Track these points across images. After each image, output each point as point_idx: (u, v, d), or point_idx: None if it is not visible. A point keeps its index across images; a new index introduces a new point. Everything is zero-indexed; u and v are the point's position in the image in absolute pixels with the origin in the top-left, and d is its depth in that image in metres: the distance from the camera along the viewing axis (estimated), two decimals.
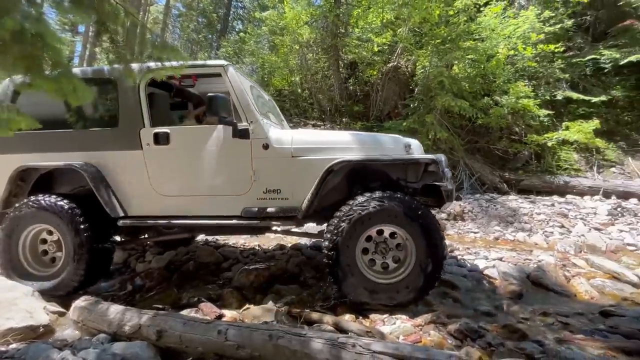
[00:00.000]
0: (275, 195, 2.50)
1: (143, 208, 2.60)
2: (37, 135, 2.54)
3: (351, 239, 2.22)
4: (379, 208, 2.20)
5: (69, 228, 2.44)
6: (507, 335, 1.82)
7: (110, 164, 2.58)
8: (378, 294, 2.19)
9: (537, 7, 9.57)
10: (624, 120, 8.93)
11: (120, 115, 2.59)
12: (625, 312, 2.09)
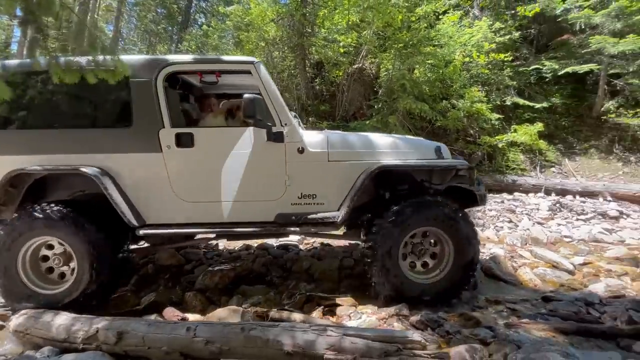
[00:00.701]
0: (310, 201, 2.41)
1: (164, 215, 2.37)
2: (31, 135, 2.28)
3: (396, 242, 2.25)
4: (423, 211, 2.27)
5: (82, 239, 2.17)
6: (463, 323, 1.95)
7: (122, 167, 2.30)
8: (418, 292, 2.26)
9: (489, 18, 10.29)
10: (562, 125, 9.91)
11: (134, 113, 2.31)
12: (563, 297, 2.34)
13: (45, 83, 2.32)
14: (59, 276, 2.30)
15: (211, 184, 2.37)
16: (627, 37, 8.16)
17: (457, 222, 2.29)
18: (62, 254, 2.27)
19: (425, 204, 2.31)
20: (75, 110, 2.39)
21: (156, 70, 2.31)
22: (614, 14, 8.63)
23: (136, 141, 2.30)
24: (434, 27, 10.09)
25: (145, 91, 2.30)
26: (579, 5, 9.18)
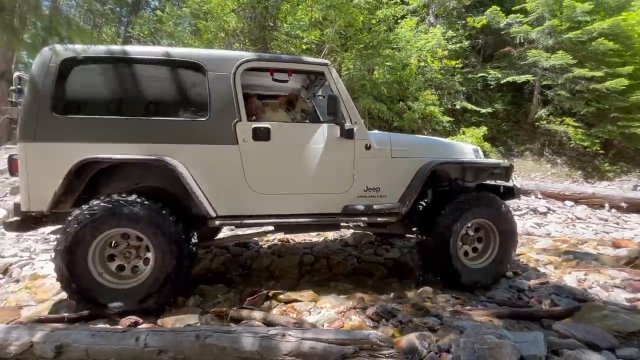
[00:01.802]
0: (374, 194, 2.58)
1: (236, 207, 2.38)
2: (99, 122, 2.19)
3: (454, 234, 2.49)
4: (479, 205, 2.57)
5: (161, 232, 2.12)
6: (415, 312, 2.10)
7: (196, 158, 2.27)
8: (472, 277, 2.56)
9: (443, 26, 10.93)
10: (503, 129, 10.89)
11: (212, 106, 2.31)
12: (499, 285, 2.61)
13: (117, 69, 2.28)
14: (131, 270, 2.22)
15: (284, 177, 2.46)
16: (558, 53, 9.18)
17: (506, 215, 2.64)
18: (133, 247, 2.20)
19: (480, 199, 2.62)
20: (148, 99, 2.31)
21: (235, 64, 2.37)
22: (547, 31, 9.65)
23: (212, 133, 2.32)
24: (392, 31, 10.49)
25: (223, 84, 2.34)
26: (519, 20, 10.11)
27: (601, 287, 2.50)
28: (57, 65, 2.16)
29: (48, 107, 2.12)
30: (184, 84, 2.36)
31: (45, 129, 2.12)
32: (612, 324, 1.82)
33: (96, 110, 2.22)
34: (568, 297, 2.32)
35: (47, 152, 2.13)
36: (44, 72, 2.14)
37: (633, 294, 2.32)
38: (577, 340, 1.58)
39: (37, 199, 2.13)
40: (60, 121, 2.14)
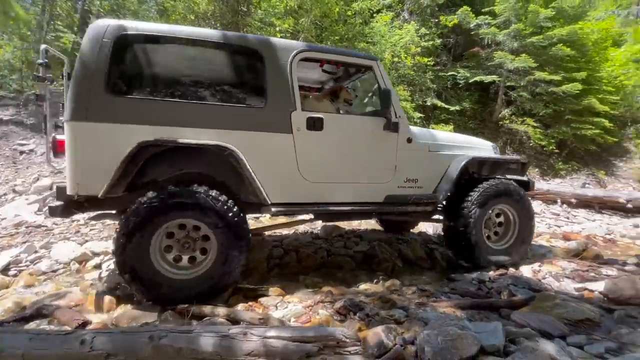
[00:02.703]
0: (413, 184, 2.77)
1: (288, 195, 2.43)
2: (157, 105, 2.12)
3: (479, 219, 2.78)
4: (498, 193, 2.85)
5: (226, 222, 2.11)
6: (381, 305, 2.11)
7: (251, 145, 2.26)
8: (495, 259, 2.87)
9: (417, 23, 11.08)
10: (470, 127, 11.31)
11: (269, 94, 2.33)
12: (462, 278, 2.71)
13: (174, 50, 2.23)
14: (189, 260, 2.17)
15: (334, 166, 2.55)
16: (521, 55, 9.63)
17: (525, 201, 2.97)
18: (190, 238, 2.16)
19: (502, 186, 2.88)
20: (205, 83, 2.28)
21: (292, 53, 2.40)
22: (512, 35, 10.08)
23: (268, 121, 2.33)
24: (368, 24, 10.49)
25: (280, 73, 2.35)
26: (488, 22, 10.48)
27: (553, 278, 2.66)
28: (112, 42, 2.05)
29: (102, 85, 2.02)
30: (242, 70, 2.37)
31: (98, 108, 2.01)
32: (563, 312, 1.94)
33: (152, 92, 2.15)
34: (524, 287, 2.44)
35: (100, 133, 2.02)
36: (97, 48, 2.02)
37: (581, 284, 2.48)
38: (532, 329, 1.66)
39: (88, 182, 2.02)
40: (114, 101, 2.05)
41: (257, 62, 2.34)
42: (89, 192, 2.04)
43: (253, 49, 2.35)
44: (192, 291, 2.08)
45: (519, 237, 2.98)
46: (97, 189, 2.01)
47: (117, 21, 2.12)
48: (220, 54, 2.33)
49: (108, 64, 2.03)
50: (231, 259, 2.15)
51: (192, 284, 2.10)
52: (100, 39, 2.03)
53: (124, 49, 2.10)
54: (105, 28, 2.06)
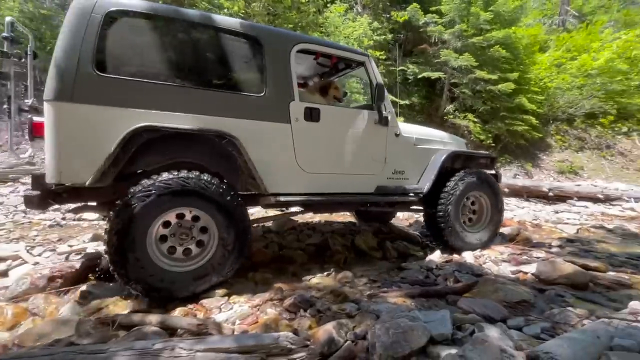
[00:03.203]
0: (400, 176, 2.94)
1: (285, 185, 2.41)
2: (151, 88, 1.99)
3: (457, 206, 3.02)
4: (473, 182, 3.10)
5: (228, 211, 2.07)
6: (333, 299, 2.04)
7: (250, 134, 2.21)
8: (470, 242, 3.10)
9: (369, 16, 11.21)
10: (418, 121, 11.83)
11: (268, 82, 2.31)
12: (412, 266, 2.76)
13: (170, 30, 2.11)
14: (184, 252, 2.04)
15: (330, 157, 2.59)
16: (464, 54, 10.25)
17: (497, 190, 3.27)
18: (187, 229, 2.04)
19: (476, 175, 3.13)
20: (202, 67, 2.22)
21: (291, 43, 2.42)
22: (457, 34, 10.67)
23: (267, 110, 2.30)
24: (322, 14, 10.36)
25: (279, 62, 2.34)
26: (435, 21, 10.96)
27: (492, 262, 2.83)
28: (102, 17, 1.88)
29: (90, 63, 1.84)
30: (241, 57, 2.31)
31: (86, 88, 1.83)
32: (502, 295, 2.04)
33: (146, 74, 2.00)
34: (468, 273, 2.55)
35: (88, 115, 1.84)
36: (84, 22, 1.85)
37: (516, 267, 2.67)
38: (476, 315, 1.70)
39: (72, 170, 1.82)
40: (104, 81, 1.88)
41: (257, 49, 2.30)
42: (73, 181, 1.84)
43: (253, 36, 2.29)
44: (189, 283, 1.99)
45: (491, 222, 3.29)
46: (83, 178, 1.83)
47: None
48: (219, 38, 2.24)
49: (97, 41, 1.86)
50: (235, 247, 2.12)
51: (196, 274, 2.02)
52: (88, 13, 1.87)
53: (116, 25, 1.94)
54: (94, 1, 1.89)
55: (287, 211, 2.96)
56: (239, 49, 2.29)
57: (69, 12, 1.89)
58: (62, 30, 1.88)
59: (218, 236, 2.08)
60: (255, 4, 9.88)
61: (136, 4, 2.01)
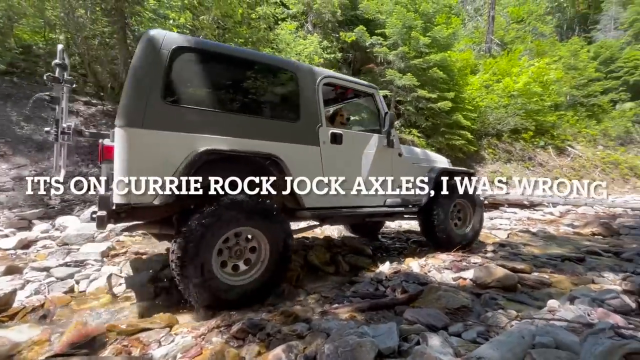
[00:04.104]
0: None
1: (317, 200, 2.70)
2: (211, 115, 2.25)
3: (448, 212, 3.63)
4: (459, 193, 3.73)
5: (280, 229, 2.36)
6: (284, 320, 1.99)
7: (290, 155, 2.50)
8: (459, 241, 3.67)
9: (319, 35, 11.62)
10: None
11: (302, 111, 2.66)
12: (363, 279, 2.81)
13: (229, 67, 2.46)
14: (232, 268, 2.28)
15: (350, 175, 2.92)
16: (407, 74, 11.04)
17: (478, 197, 3.93)
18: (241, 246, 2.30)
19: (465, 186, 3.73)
20: (251, 98, 2.48)
21: (318, 77, 2.81)
22: (400, 56, 11.48)
23: (302, 134, 2.63)
24: (272, 30, 10.49)
25: (310, 93, 2.71)
26: (380, 43, 11.70)
27: (436, 270, 3.00)
28: (169, 52, 2.12)
29: (159, 94, 2.06)
30: (281, 88, 2.68)
31: (154, 116, 2.03)
32: (444, 303, 2.16)
33: (206, 103, 2.29)
34: (414, 282, 2.66)
35: (156, 140, 2.03)
36: (154, 57, 2.09)
37: (457, 274, 2.86)
38: (421, 325, 1.78)
39: (140, 190, 1.97)
40: (171, 110, 2.11)
41: (293, 83, 2.68)
42: (141, 201, 2.00)
43: (290, 72, 2.70)
44: (246, 294, 2.23)
45: (475, 224, 3.90)
46: (149, 198, 2.01)
47: (172, 33, 2.22)
48: (263, 72, 2.61)
49: (165, 73, 2.09)
50: (281, 262, 2.38)
51: (249, 288, 2.25)
52: (158, 49, 2.09)
53: (180, 60, 2.18)
54: (162, 38, 2.12)
55: (311, 224, 3.20)
56: (279, 82, 2.70)
57: (140, 47, 2.11)
58: (133, 64, 2.09)
59: (269, 250, 2.33)
60: (204, 17, 9.70)
61: (197, 42, 2.35)
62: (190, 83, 2.31)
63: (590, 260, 3.37)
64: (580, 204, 8.24)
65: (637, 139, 17.08)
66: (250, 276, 2.28)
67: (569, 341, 1.30)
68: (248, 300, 2.23)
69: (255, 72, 2.55)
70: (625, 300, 1.90)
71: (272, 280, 2.35)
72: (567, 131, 15.90)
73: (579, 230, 5.27)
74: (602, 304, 1.84)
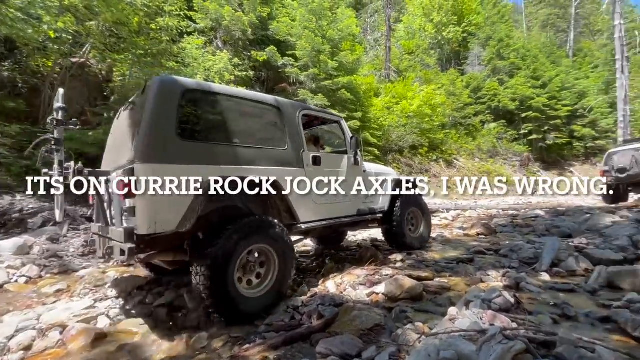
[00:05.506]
0: (368, 200, 4.04)
1: (306, 215, 3.17)
2: (216, 149, 2.58)
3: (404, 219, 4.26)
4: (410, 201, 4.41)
5: (287, 246, 2.75)
6: None
7: (284, 178, 2.91)
8: (413, 242, 4.33)
9: (230, 52, 11.33)
10: None
11: (288, 139, 3.11)
12: (277, 309, 2.60)
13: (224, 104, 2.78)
14: (247, 282, 2.58)
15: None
16: (319, 95, 11.53)
17: (425, 205, 4.71)
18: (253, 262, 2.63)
19: (412, 198, 4.47)
20: (248, 130, 2.92)
21: (298, 109, 3.38)
22: (311, 77, 11.96)
23: (290, 159, 3.09)
24: (177, 43, 9.79)
25: (293, 123, 3.22)
26: (291, 64, 12.02)
27: (351, 287, 2.99)
28: (180, 95, 2.43)
29: (173, 131, 2.34)
30: (270, 121, 3.11)
31: (171, 151, 2.30)
32: (359, 324, 2.12)
33: (212, 138, 2.67)
34: (330, 304, 2.57)
35: (173, 172, 2.26)
36: (167, 99, 2.38)
37: (370, 289, 2.89)
38: (335, 357, 1.68)
39: (163, 219, 2.22)
40: (184, 145, 2.40)
41: (279, 115, 3.13)
42: (164, 229, 2.22)
43: (276, 106, 3.14)
44: (262, 305, 2.54)
45: (425, 227, 4.58)
46: (171, 226, 2.24)
47: (181, 78, 2.62)
48: (256, 108, 3.03)
49: (177, 113, 2.39)
50: (288, 273, 2.74)
51: (263, 298, 2.56)
52: (170, 92, 2.41)
53: (189, 100, 2.53)
54: (174, 83, 2.48)
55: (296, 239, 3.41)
56: (268, 116, 3.09)
57: (154, 91, 2.39)
58: (148, 106, 2.34)
59: (278, 264, 2.67)
60: (93, 23, 8.49)
61: (203, 85, 2.81)
62: (199, 120, 2.65)
63: (477, 260, 3.85)
64: (467, 209, 9.64)
65: (501, 152, 21.22)
66: (264, 288, 2.61)
67: (468, 352, 1.36)
68: (265, 310, 2.53)
69: (250, 108, 2.97)
70: (506, 297, 2.15)
71: (281, 290, 2.69)
72: (452, 147, 18.76)
73: (467, 232, 6.07)
74: (490, 304, 2.05)
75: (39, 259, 4.03)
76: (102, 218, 2.68)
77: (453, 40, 25.01)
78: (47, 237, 4.65)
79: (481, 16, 25.96)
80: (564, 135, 22.50)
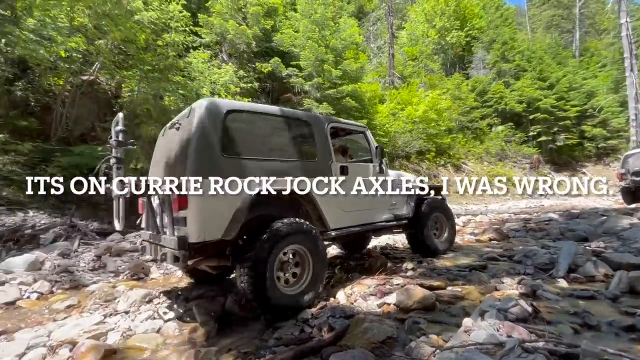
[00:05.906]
0: (394, 207, 4.16)
1: (336, 222, 3.38)
2: (255, 163, 2.82)
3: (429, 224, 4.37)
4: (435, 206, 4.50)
5: (320, 247, 2.97)
6: None
7: (314, 189, 3.13)
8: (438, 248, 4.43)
9: (235, 65, 11.51)
10: None
11: (318, 151, 3.36)
12: (286, 322, 2.55)
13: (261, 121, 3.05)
14: (285, 281, 2.81)
15: (357, 199, 3.60)
16: (323, 103, 11.59)
17: (449, 209, 4.75)
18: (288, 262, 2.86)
19: (436, 202, 4.55)
20: (283, 145, 3.15)
21: (326, 123, 3.59)
22: (315, 86, 12.05)
23: (320, 170, 3.31)
24: (182, 58, 9.98)
25: (322, 136, 3.45)
26: (296, 74, 12.15)
27: (362, 298, 2.93)
28: (224, 115, 2.75)
29: (219, 148, 2.65)
30: (302, 135, 3.33)
31: (217, 166, 2.60)
32: (371, 336, 2.06)
33: (251, 153, 2.86)
34: (341, 316, 2.52)
35: (221, 185, 2.53)
36: (213, 120, 2.67)
37: (381, 299, 2.83)
38: None
39: (212, 228, 2.51)
40: (228, 160, 2.69)
41: (309, 129, 3.36)
42: (213, 237, 2.51)
43: (307, 121, 3.38)
44: (298, 303, 2.72)
45: (449, 232, 4.65)
46: (219, 234, 2.53)
47: (223, 100, 2.99)
48: (289, 124, 3.24)
49: (221, 133, 2.69)
50: (321, 273, 2.95)
51: (299, 296, 2.77)
52: (215, 114, 2.71)
53: (231, 121, 2.79)
54: (217, 106, 2.77)
55: None
56: (300, 130, 3.31)
57: (199, 113, 2.66)
58: (195, 127, 2.61)
59: (312, 264, 2.89)
60: (101, 42, 8.74)
61: (244, 105, 3.11)
62: (241, 137, 2.83)
63: (491, 266, 3.75)
64: (477, 213, 9.47)
65: (510, 155, 20.93)
66: (300, 285, 2.83)
67: None
68: (304, 305, 2.72)
69: (284, 124, 3.19)
70: (523, 306, 2.07)
71: (316, 287, 2.87)
72: (460, 151, 18.59)
73: (479, 238, 5.94)
74: (506, 314, 1.97)
75: (50, 274, 4.06)
76: (152, 226, 2.95)
77: (456, 45, 25.02)
78: (58, 252, 4.70)
79: (484, 20, 25.97)
80: (574, 136, 22.12)
